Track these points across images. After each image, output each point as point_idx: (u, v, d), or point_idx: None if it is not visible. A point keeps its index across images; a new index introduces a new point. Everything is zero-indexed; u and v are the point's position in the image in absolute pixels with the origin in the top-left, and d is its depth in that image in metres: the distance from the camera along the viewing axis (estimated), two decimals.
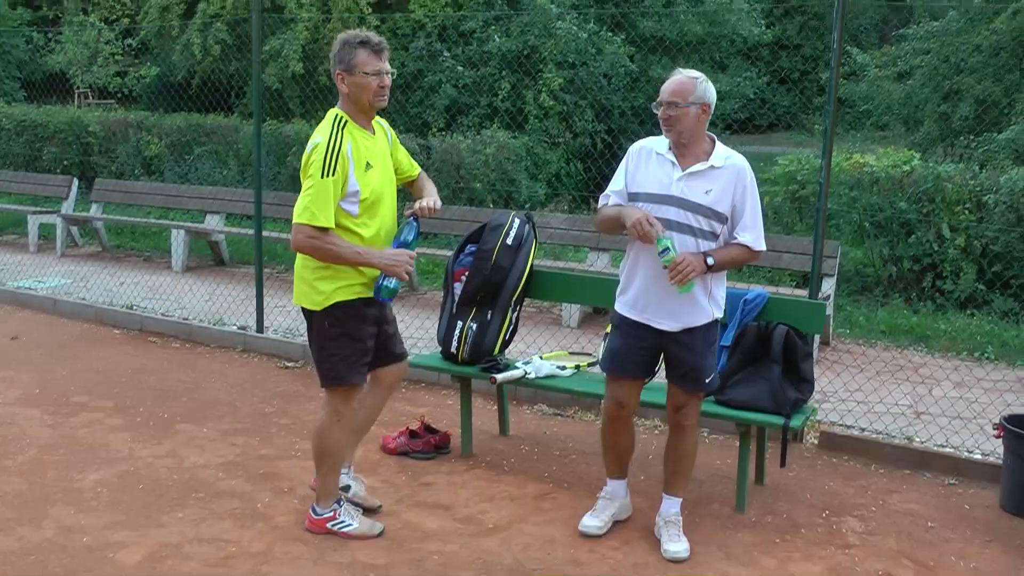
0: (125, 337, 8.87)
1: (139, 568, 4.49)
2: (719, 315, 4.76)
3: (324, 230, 4.44)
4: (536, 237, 6.06)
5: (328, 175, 4.42)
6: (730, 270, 4.81)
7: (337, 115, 4.61)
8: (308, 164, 4.51)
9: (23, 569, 4.44)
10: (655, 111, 4.59)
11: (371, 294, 4.67)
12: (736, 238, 4.62)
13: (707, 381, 4.75)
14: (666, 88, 4.53)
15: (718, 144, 4.65)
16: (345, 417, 4.82)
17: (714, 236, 4.58)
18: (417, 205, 4.81)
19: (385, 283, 4.59)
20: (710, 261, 4.49)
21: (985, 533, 5.17)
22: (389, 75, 4.64)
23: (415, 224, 4.75)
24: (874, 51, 20.36)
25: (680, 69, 4.66)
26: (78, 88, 21.99)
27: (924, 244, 10.22)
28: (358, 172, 4.54)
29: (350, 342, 4.69)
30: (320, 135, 4.53)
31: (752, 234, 4.61)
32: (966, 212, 10.04)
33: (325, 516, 4.88)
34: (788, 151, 14.15)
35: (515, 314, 5.99)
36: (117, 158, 16.80)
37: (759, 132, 23.55)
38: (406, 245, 4.67)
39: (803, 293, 8.02)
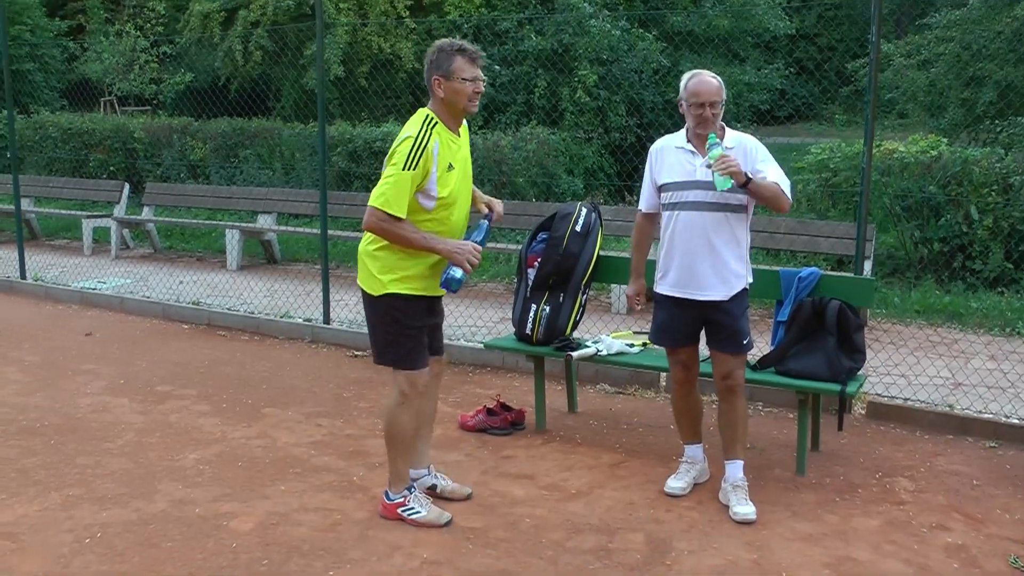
0: (195, 331, 9.30)
1: (253, 534, 4.85)
2: (750, 279, 5.24)
3: (395, 218, 4.62)
4: (602, 224, 6.48)
5: (410, 168, 4.60)
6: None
7: (428, 115, 4.79)
8: (393, 153, 4.68)
9: (144, 537, 4.80)
10: (688, 109, 5.06)
11: (427, 293, 4.88)
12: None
13: (744, 343, 5.18)
14: (704, 91, 4.99)
15: (728, 129, 5.16)
16: (411, 400, 4.93)
17: (742, 208, 5.10)
18: (497, 210, 5.09)
19: (451, 273, 4.74)
20: (750, 175, 4.92)
21: None
22: (483, 82, 4.91)
23: (487, 225, 4.94)
24: (893, 41, 20.64)
25: (699, 71, 5.15)
26: (105, 96, 22.38)
27: (953, 226, 10.58)
28: (440, 171, 4.73)
29: (402, 329, 4.85)
30: (409, 130, 4.72)
31: (782, 183, 5.05)
32: (993, 194, 10.39)
33: (396, 501, 5.02)
34: (809, 141, 14.46)
35: (584, 297, 6.41)
36: (162, 163, 17.23)
37: (779, 124, 23.76)
38: (476, 243, 4.85)
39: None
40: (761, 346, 6.74)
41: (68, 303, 10.57)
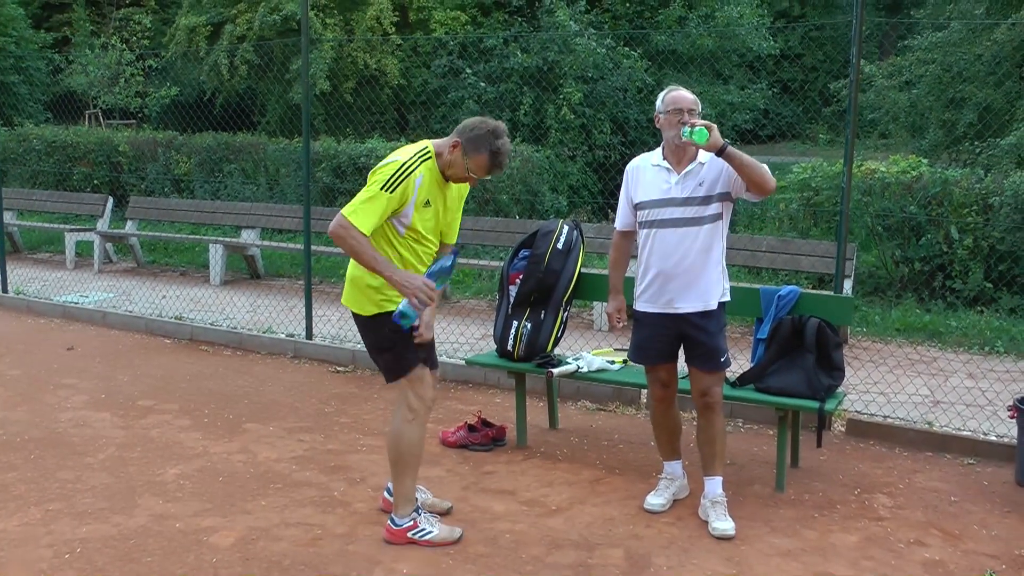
0: (177, 346, 9.29)
1: (234, 549, 4.85)
2: (727, 286, 5.29)
3: (359, 232, 4.56)
4: (583, 242, 6.53)
5: (388, 190, 4.60)
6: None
7: (426, 148, 4.81)
8: (376, 172, 4.69)
9: (124, 552, 4.79)
10: (666, 119, 5.11)
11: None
12: None
13: (722, 360, 5.22)
14: (683, 100, 5.09)
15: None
16: (420, 416, 4.89)
17: (719, 216, 5.13)
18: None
19: (401, 310, 4.61)
20: (728, 143, 4.91)
21: (1004, 505, 5.61)
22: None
23: (453, 257, 4.88)
24: (876, 62, 20.80)
25: (674, 86, 5.25)
26: (90, 110, 22.37)
27: (934, 246, 10.67)
28: (417, 204, 4.73)
29: (402, 337, 4.83)
30: (400, 155, 4.74)
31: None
32: (973, 214, 10.48)
33: (406, 526, 4.93)
34: (791, 161, 14.56)
35: (566, 314, 6.44)
36: (146, 177, 17.23)
37: (761, 143, 23.89)
38: (439, 272, 4.77)
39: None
40: (741, 363, 6.79)
41: (50, 317, 10.55)
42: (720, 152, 4.88)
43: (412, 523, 4.95)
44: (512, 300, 6.41)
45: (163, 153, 17.17)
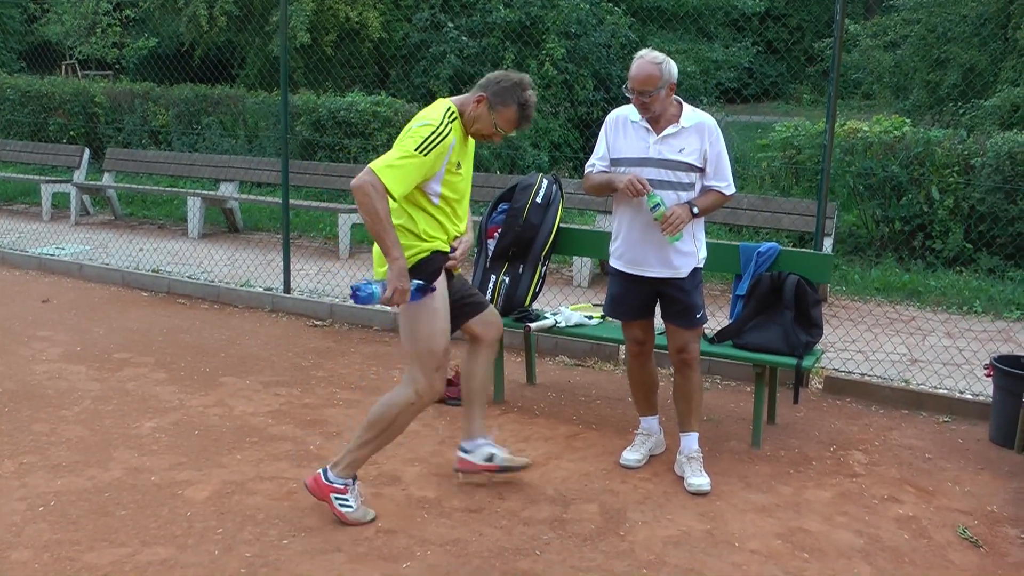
0: (154, 299, 9.24)
1: (208, 503, 4.84)
2: (703, 256, 5.24)
3: (388, 195, 4.31)
4: (563, 197, 6.48)
5: (423, 153, 4.37)
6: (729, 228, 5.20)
7: (450, 108, 4.59)
8: (410, 132, 4.44)
9: (99, 505, 4.78)
10: (628, 95, 5.03)
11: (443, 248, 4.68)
12: (711, 186, 5.12)
13: (698, 317, 5.20)
14: (636, 79, 4.91)
15: (685, 106, 5.12)
16: (423, 403, 4.64)
17: (692, 186, 5.08)
18: (460, 249, 4.81)
19: (373, 289, 4.42)
20: (695, 210, 4.99)
21: (977, 463, 5.65)
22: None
23: (422, 287, 4.58)
24: (861, 21, 20.75)
25: (642, 53, 5.04)
26: (66, 60, 22.14)
27: (915, 206, 10.67)
28: (449, 169, 4.55)
29: (433, 298, 4.62)
30: (430, 118, 4.48)
31: (725, 181, 5.13)
32: (954, 175, 10.48)
33: (337, 486, 4.67)
34: (776, 120, 14.55)
35: (544, 268, 6.41)
36: (124, 128, 17.09)
37: (746, 103, 23.86)
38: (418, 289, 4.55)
39: None
40: (720, 319, 6.79)
41: (25, 269, 10.47)
42: (693, 218, 5.00)
43: (343, 488, 4.67)
44: (490, 254, 6.38)
45: (140, 105, 17.02)
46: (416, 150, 4.37)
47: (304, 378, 6.90)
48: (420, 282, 4.53)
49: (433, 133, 4.42)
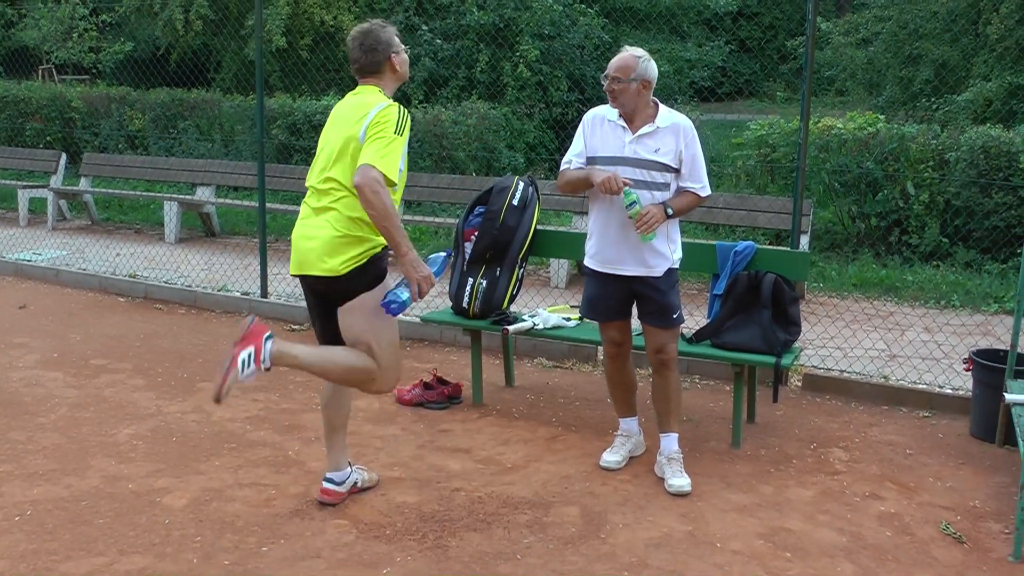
0: (131, 305, 9.18)
1: (187, 511, 4.80)
2: (679, 257, 5.25)
3: (389, 184, 4.35)
4: (539, 198, 6.48)
5: (401, 133, 4.43)
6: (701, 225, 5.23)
7: (381, 91, 4.66)
8: (382, 121, 4.42)
9: (76, 514, 4.74)
10: (602, 82, 5.07)
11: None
12: (686, 187, 5.15)
13: (675, 317, 5.21)
14: (612, 64, 5.04)
15: (661, 107, 5.16)
16: (377, 387, 4.73)
17: (667, 186, 5.11)
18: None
19: (399, 295, 4.45)
20: (669, 211, 5.03)
21: (958, 457, 5.67)
22: None
23: (443, 257, 4.76)
24: (833, 19, 20.82)
25: (627, 47, 5.16)
26: (43, 65, 22.00)
27: (890, 201, 10.71)
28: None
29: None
30: (383, 101, 4.54)
31: (700, 183, 5.17)
32: (929, 170, 10.53)
33: (262, 349, 4.40)
34: (751, 118, 14.59)
35: (521, 271, 6.41)
36: (100, 133, 16.99)
37: (720, 101, 23.93)
38: (440, 266, 4.66)
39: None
40: (698, 319, 6.79)
41: (2, 275, 10.39)
42: (667, 218, 5.04)
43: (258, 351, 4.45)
44: (467, 257, 6.37)
45: (117, 109, 16.94)
46: (395, 133, 4.42)
47: (282, 383, 6.87)
48: (441, 254, 4.71)
49: (400, 112, 4.49)
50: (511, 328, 6.11)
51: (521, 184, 6.40)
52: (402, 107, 4.55)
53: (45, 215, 13.50)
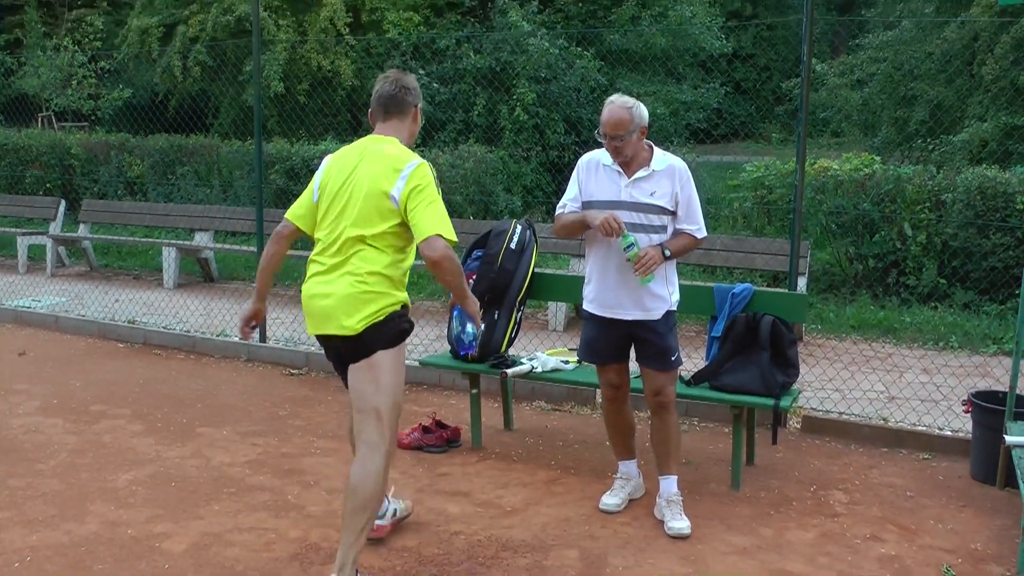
0: (130, 350, 9.19)
1: (186, 555, 4.79)
2: (677, 299, 5.28)
3: (454, 245, 4.34)
4: (537, 242, 6.51)
5: (440, 190, 4.44)
6: (705, 271, 5.26)
7: (401, 144, 4.58)
8: (423, 183, 4.35)
9: (75, 560, 4.73)
10: (600, 140, 5.10)
11: None
12: (682, 229, 5.18)
13: (673, 359, 5.22)
14: (607, 123, 5.00)
15: (656, 150, 5.20)
16: (393, 452, 4.57)
17: (664, 229, 5.13)
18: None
19: (469, 330, 5.06)
20: (667, 252, 5.05)
21: (959, 500, 5.66)
22: None
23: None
24: (828, 61, 20.98)
25: (613, 98, 5.13)
26: (42, 112, 22.12)
27: (887, 242, 10.74)
28: None
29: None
30: (412, 156, 4.45)
31: (696, 225, 5.19)
32: (926, 211, 10.56)
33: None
34: (747, 160, 14.66)
35: (519, 314, 6.42)
36: (99, 179, 17.05)
37: (716, 143, 24.05)
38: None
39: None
40: (696, 361, 6.79)
41: (1, 322, 10.40)
42: (665, 260, 5.07)
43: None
44: None
45: (116, 155, 17.02)
46: (438, 192, 4.40)
47: (281, 427, 6.87)
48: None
49: (432, 170, 4.43)
50: (510, 371, 6.13)
51: (519, 228, 6.43)
52: (429, 163, 4.47)
53: (44, 262, 13.51)
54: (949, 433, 6.57)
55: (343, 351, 4.47)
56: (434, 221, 4.26)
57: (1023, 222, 9.98)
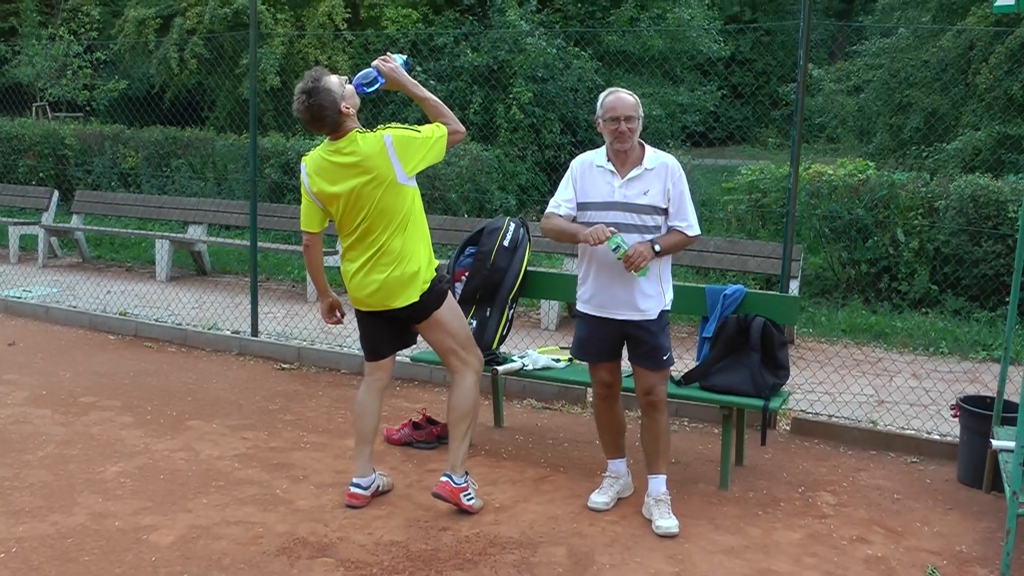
0: (121, 342, 9.18)
1: (173, 548, 4.79)
2: (671, 298, 5.30)
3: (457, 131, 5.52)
4: (530, 240, 6.51)
5: (416, 130, 5.30)
6: (695, 269, 5.27)
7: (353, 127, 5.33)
8: (403, 138, 5.23)
9: (62, 551, 4.73)
10: (604, 125, 5.11)
11: None
12: (673, 225, 5.19)
13: (665, 359, 5.24)
14: (618, 107, 5.05)
15: (647, 148, 5.21)
16: (481, 370, 5.51)
17: (658, 229, 5.15)
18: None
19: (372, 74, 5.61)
20: (657, 248, 5.05)
21: (946, 503, 5.68)
22: None
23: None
24: (825, 66, 21.01)
25: (612, 89, 5.20)
26: (37, 102, 22.06)
27: (880, 248, 10.75)
28: None
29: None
30: (380, 132, 5.25)
31: (686, 222, 5.19)
32: (919, 217, 10.58)
33: (463, 485, 5.27)
34: (742, 163, 14.68)
35: (511, 311, 6.43)
36: (93, 170, 17.02)
37: (712, 146, 24.06)
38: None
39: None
40: (687, 361, 6.80)
41: None
42: (656, 256, 5.07)
43: (466, 485, 5.30)
44: (458, 297, 6.37)
45: (110, 147, 16.98)
46: (415, 129, 5.30)
47: (271, 421, 6.86)
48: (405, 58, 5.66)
49: (396, 124, 5.37)
50: (501, 368, 6.13)
51: (512, 225, 6.44)
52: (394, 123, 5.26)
53: (36, 252, 13.49)
54: (937, 437, 6.60)
55: (406, 318, 5.30)
56: (430, 130, 5.30)
57: (1014, 230, 10.00)
